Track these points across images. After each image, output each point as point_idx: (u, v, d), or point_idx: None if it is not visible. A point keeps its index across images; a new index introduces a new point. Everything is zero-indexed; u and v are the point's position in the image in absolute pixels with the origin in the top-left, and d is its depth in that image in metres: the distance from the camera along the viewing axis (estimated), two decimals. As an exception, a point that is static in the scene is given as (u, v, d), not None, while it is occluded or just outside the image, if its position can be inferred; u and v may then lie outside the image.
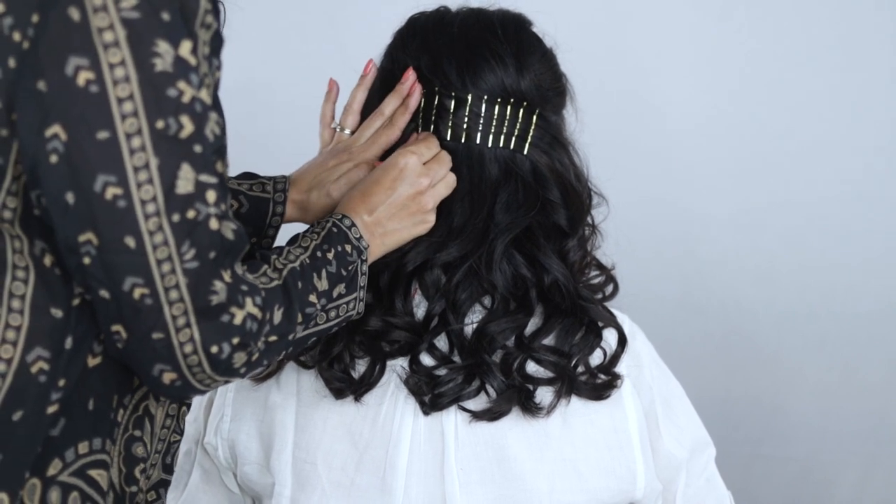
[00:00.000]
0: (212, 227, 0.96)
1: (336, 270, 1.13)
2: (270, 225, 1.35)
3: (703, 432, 1.38)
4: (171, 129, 0.93)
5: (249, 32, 2.42)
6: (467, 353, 1.24)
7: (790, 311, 2.53)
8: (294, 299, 1.06)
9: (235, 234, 0.99)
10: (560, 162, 1.27)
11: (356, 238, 1.17)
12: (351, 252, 1.15)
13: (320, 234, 1.14)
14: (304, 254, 1.11)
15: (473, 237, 1.24)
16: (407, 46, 1.28)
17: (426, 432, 1.24)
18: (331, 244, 1.14)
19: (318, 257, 1.12)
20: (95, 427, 1.02)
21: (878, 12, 2.46)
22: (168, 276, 0.94)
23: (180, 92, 0.93)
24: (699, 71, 2.50)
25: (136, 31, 0.91)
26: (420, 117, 1.26)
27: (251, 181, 1.35)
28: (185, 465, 1.38)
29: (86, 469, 1.02)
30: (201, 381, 1.00)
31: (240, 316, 0.98)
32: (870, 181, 2.50)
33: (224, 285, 0.96)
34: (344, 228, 1.16)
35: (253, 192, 1.34)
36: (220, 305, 0.96)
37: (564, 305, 1.26)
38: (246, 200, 1.34)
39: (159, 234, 0.93)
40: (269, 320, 1.01)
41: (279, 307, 1.03)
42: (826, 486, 2.58)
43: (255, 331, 1.00)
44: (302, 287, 1.08)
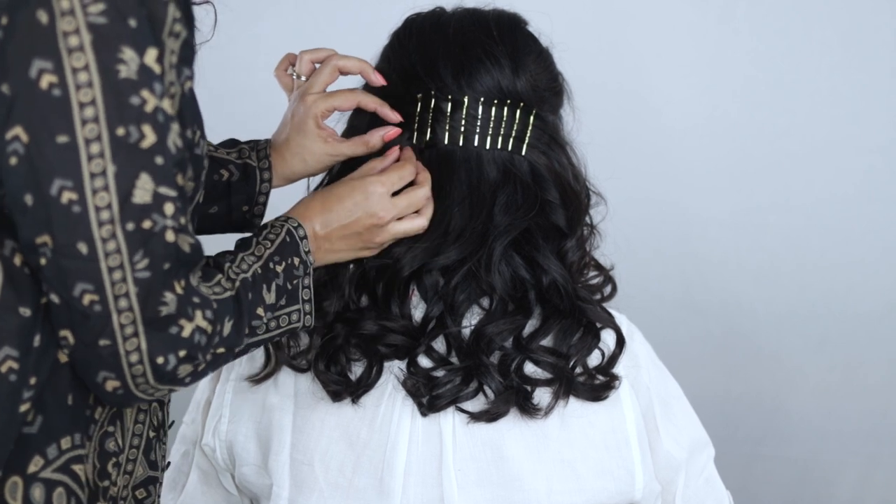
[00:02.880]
0: (168, 238, 0.96)
1: (283, 283, 1.12)
2: (260, 192, 1.37)
3: (702, 432, 1.38)
4: (132, 137, 0.93)
5: (250, 34, 2.43)
6: (465, 354, 1.23)
7: (790, 311, 2.53)
8: (244, 312, 1.06)
9: (192, 247, 0.99)
10: (558, 162, 1.27)
11: (305, 252, 1.16)
12: (298, 266, 1.15)
13: (274, 242, 1.14)
14: (256, 263, 1.11)
15: (472, 240, 1.24)
16: (403, 48, 1.28)
17: (424, 433, 1.24)
18: (282, 256, 1.13)
19: (269, 269, 1.11)
20: (75, 422, 1.03)
21: (879, 12, 2.46)
22: (119, 284, 0.94)
23: (143, 100, 0.93)
24: (698, 70, 2.49)
25: (102, 37, 0.91)
26: (416, 120, 1.26)
27: (236, 149, 1.37)
28: (183, 467, 1.38)
29: (70, 464, 1.02)
30: (144, 391, 1.00)
31: (188, 328, 0.98)
32: (870, 181, 2.50)
33: (175, 297, 0.97)
34: (297, 239, 1.16)
35: (241, 161, 1.37)
36: (170, 317, 0.96)
37: (563, 306, 1.26)
38: (236, 169, 1.36)
39: (112, 241, 0.94)
40: (219, 332, 1.02)
41: (230, 319, 1.03)
42: (826, 486, 2.58)
43: (204, 344, 1.00)
44: (252, 299, 1.08)
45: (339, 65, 1.30)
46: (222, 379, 1.33)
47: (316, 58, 1.34)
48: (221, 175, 1.39)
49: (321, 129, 1.30)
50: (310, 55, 1.34)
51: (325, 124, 1.31)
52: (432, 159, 1.26)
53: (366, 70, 1.28)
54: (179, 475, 1.39)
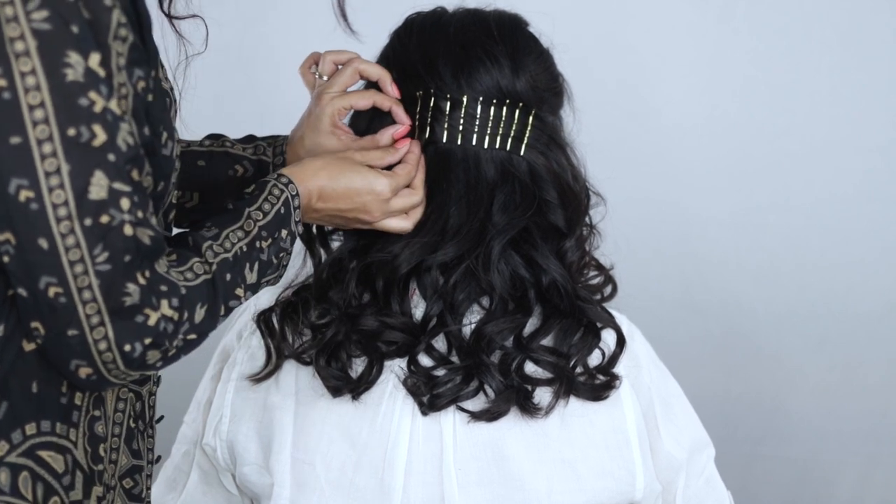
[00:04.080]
0: (126, 232, 0.99)
1: (267, 259, 1.15)
2: None
3: (703, 432, 1.38)
4: (83, 136, 0.96)
5: (250, 35, 2.43)
6: (465, 353, 1.24)
7: (790, 311, 2.53)
8: (220, 295, 1.08)
9: (153, 239, 1.01)
10: (557, 162, 1.27)
11: (296, 221, 1.19)
12: (286, 238, 1.17)
13: (268, 214, 1.16)
14: (242, 240, 1.13)
15: (470, 237, 1.24)
16: (404, 47, 1.28)
17: (425, 433, 1.24)
18: (271, 230, 1.15)
19: (254, 247, 1.13)
20: (43, 409, 1.05)
21: (879, 12, 2.46)
22: (81, 276, 0.97)
23: (91, 102, 0.96)
24: (698, 70, 2.50)
25: (47, 42, 0.94)
26: (416, 119, 1.26)
27: (252, 145, 1.41)
28: (184, 467, 1.38)
29: (35, 450, 1.05)
30: (116, 376, 1.02)
31: (154, 317, 1.00)
32: (870, 181, 2.50)
33: (138, 288, 0.99)
34: (291, 209, 1.18)
35: (255, 157, 1.40)
36: (134, 307, 0.99)
37: (563, 306, 1.26)
38: (250, 165, 1.40)
39: (71, 236, 0.97)
40: (188, 319, 1.04)
41: (202, 305, 1.06)
42: (826, 486, 2.58)
43: (171, 331, 1.02)
44: (230, 280, 1.10)
45: (360, 68, 1.32)
46: (223, 378, 1.33)
47: (339, 59, 1.35)
48: (236, 171, 1.41)
49: (336, 127, 1.31)
50: (333, 56, 1.36)
51: (342, 123, 1.32)
52: (431, 157, 1.26)
53: (384, 79, 1.29)
54: (180, 475, 1.39)
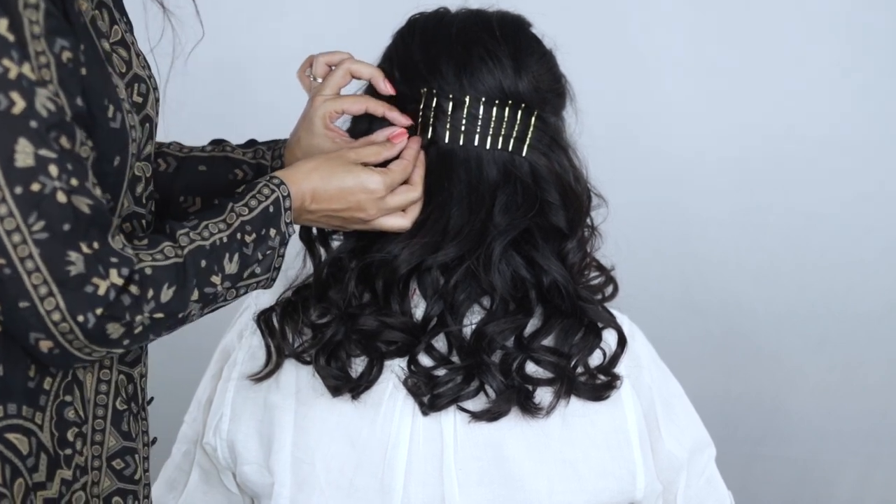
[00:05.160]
0: (59, 199, 0.99)
1: (251, 253, 1.15)
2: None
3: (704, 432, 1.38)
4: (1, 104, 0.97)
5: (251, 35, 2.43)
6: (466, 353, 1.24)
7: (790, 311, 2.53)
8: (191, 279, 1.08)
9: (92, 208, 1.01)
10: (559, 163, 1.27)
11: (286, 223, 1.18)
12: (274, 237, 1.17)
13: (254, 210, 1.16)
14: (223, 232, 1.13)
15: (471, 238, 1.24)
16: (406, 47, 1.28)
17: (425, 433, 1.24)
18: (257, 226, 1.15)
19: (236, 239, 1.13)
20: (9, 393, 1.07)
21: (879, 12, 2.46)
22: (20, 246, 0.98)
23: (5, 69, 0.97)
24: (700, 72, 2.50)
25: None
26: (419, 119, 1.26)
27: (252, 150, 1.42)
28: (185, 466, 1.38)
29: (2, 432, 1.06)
30: (81, 350, 1.03)
31: (103, 286, 1.01)
32: (870, 181, 2.50)
33: (81, 256, 1.00)
34: (281, 210, 1.18)
35: (255, 161, 1.41)
36: (81, 276, 1.00)
37: (564, 306, 1.26)
38: (250, 169, 1.41)
39: (3, 205, 0.98)
40: (153, 298, 1.04)
41: (170, 286, 1.06)
42: (826, 486, 2.58)
43: (130, 304, 1.03)
44: (206, 266, 1.10)
45: (352, 69, 1.32)
46: (224, 378, 1.33)
47: (331, 60, 1.36)
48: (236, 175, 1.41)
49: (329, 129, 1.31)
50: (325, 58, 1.36)
51: (335, 125, 1.32)
52: (432, 158, 1.26)
53: (377, 78, 1.29)
54: (181, 474, 1.39)
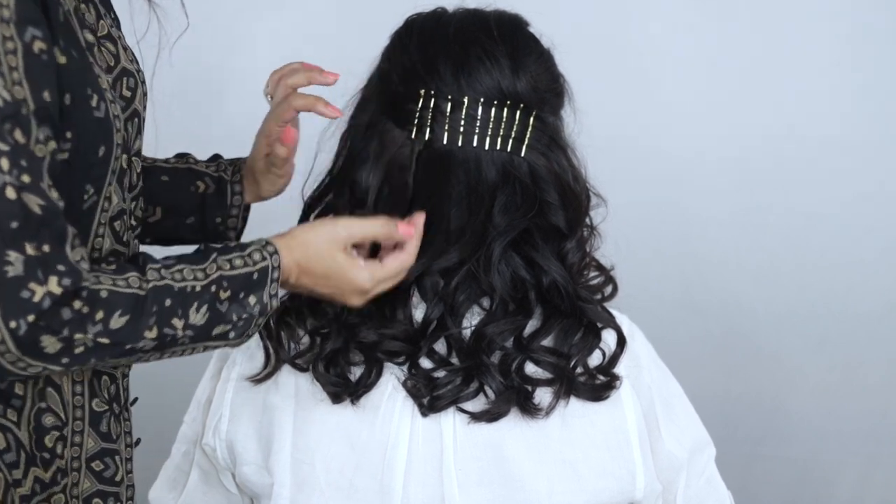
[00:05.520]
0: (8, 195, 0.96)
1: (225, 312, 1.11)
2: (232, 205, 1.43)
3: (703, 432, 1.38)
4: None
5: (251, 36, 2.43)
6: (466, 354, 1.23)
7: (790, 311, 2.53)
8: (148, 313, 1.05)
9: (45, 209, 0.98)
10: (558, 163, 1.27)
11: (270, 294, 1.15)
12: (253, 305, 1.14)
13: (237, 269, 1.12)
14: (199, 280, 1.10)
15: (472, 240, 1.24)
16: (404, 48, 1.28)
17: (425, 434, 1.24)
18: (236, 287, 1.12)
19: (210, 292, 1.10)
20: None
21: (879, 12, 2.46)
22: None
23: None
24: (699, 71, 2.50)
25: None
26: (416, 118, 1.26)
27: (215, 163, 1.43)
28: (184, 466, 1.38)
29: None
30: (14, 363, 0.99)
31: (39, 293, 0.97)
32: (870, 181, 2.50)
33: (22, 257, 0.96)
34: (267, 280, 1.15)
35: (216, 174, 1.42)
36: (17, 279, 0.96)
37: (563, 306, 1.26)
38: (211, 182, 1.42)
39: None
40: (101, 321, 1.01)
41: (122, 314, 1.03)
42: (826, 486, 2.58)
43: (69, 319, 0.99)
44: (169, 307, 1.07)
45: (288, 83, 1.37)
46: (223, 378, 1.33)
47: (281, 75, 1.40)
48: (198, 186, 1.42)
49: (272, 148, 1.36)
50: (277, 74, 1.39)
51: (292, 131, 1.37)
52: (431, 159, 1.25)
53: (314, 78, 1.32)
54: (180, 474, 1.39)
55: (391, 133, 1.25)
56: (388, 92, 1.27)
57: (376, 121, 1.27)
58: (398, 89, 1.26)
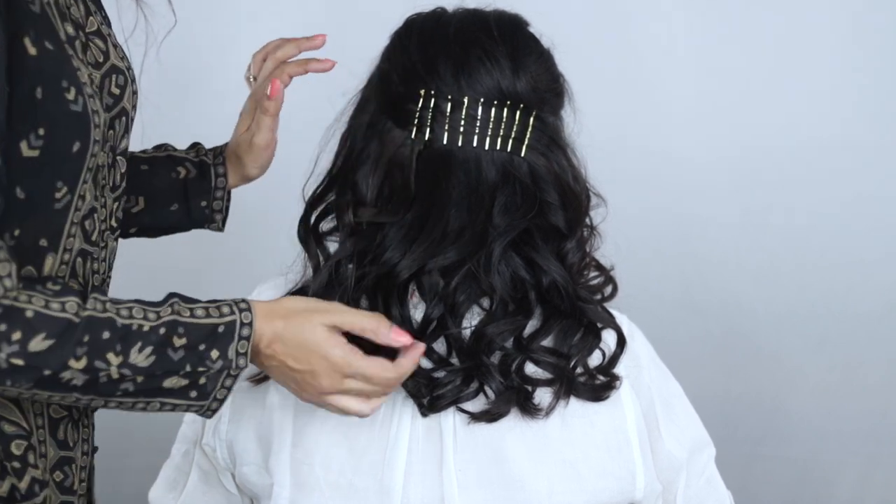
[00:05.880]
0: None
1: (178, 361, 1.05)
2: (216, 187, 1.44)
3: (703, 432, 1.38)
4: None
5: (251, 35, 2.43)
6: (465, 354, 1.23)
7: (790, 311, 2.53)
8: (77, 343, 1.00)
9: None
10: (558, 164, 1.27)
11: (238, 352, 1.08)
12: (215, 360, 1.07)
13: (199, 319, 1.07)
14: (149, 321, 1.04)
15: (472, 241, 1.23)
16: (404, 48, 1.28)
17: (424, 434, 1.24)
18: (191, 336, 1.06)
19: (159, 334, 1.04)
20: None
21: (879, 12, 2.46)
22: None
23: None
24: (700, 72, 2.50)
25: None
26: (416, 118, 1.25)
27: (194, 149, 1.44)
28: (184, 467, 1.38)
29: None
30: None
31: None
32: (870, 181, 2.50)
33: None
34: (234, 336, 1.08)
35: (197, 159, 1.43)
36: None
37: (563, 307, 1.26)
38: (192, 167, 1.42)
39: None
40: (19, 341, 0.97)
41: (46, 338, 0.98)
42: (826, 486, 2.58)
43: None
44: (106, 340, 1.02)
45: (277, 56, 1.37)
46: (223, 379, 1.33)
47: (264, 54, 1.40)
48: (178, 172, 1.42)
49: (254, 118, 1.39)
50: (259, 54, 1.40)
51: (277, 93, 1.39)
52: (431, 159, 1.25)
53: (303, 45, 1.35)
54: (180, 475, 1.39)
55: (391, 133, 1.25)
56: (388, 92, 1.27)
57: (376, 121, 1.27)
58: (398, 89, 1.26)
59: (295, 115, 1.55)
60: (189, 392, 1.07)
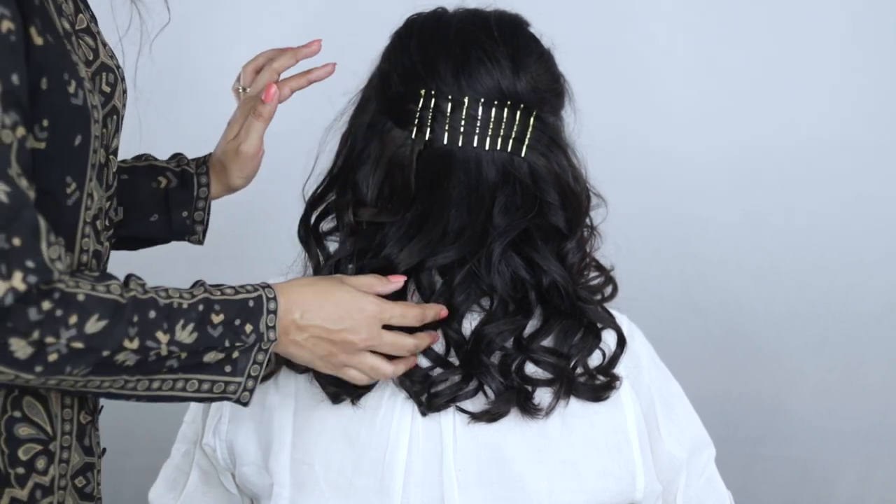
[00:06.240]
0: None
1: (218, 337, 1.07)
2: (198, 197, 1.43)
3: (703, 432, 1.38)
4: None
5: (250, 36, 2.43)
6: (465, 354, 1.24)
7: (790, 311, 2.53)
8: (128, 320, 1.00)
9: (11, 197, 0.93)
10: (558, 164, 1.27)
11: (268, 326, 1.11)
12: (249, 333, 1.10)
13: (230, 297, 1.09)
14: (185, 299, 1.06)
15: (472, 240, 1.24)
16: (405, 48, 1.28)
17: (425, 434, 1.24)
18: (227, 311, 1.08)
19: (197, 310, 1.06)
20: None
21: (879, 12, 2.46)
22: None
23: None
24: (700, 71, 2.50)
25: None
26: (416, 118, 1.25)
27: (175, 159, 1.43)
28: (184, 467, 1.38)
29: None
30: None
31: (2, 288, 0.92)
32: (870, 181, 2.50)
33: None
34: (263, 309, 1.11)
35: (178, 168, 1.41)
36: None
37: (563, 307, 1.26)
38: (174, 177, 1.41)
39: None
40: (76, 324, 0.96)
41: (100, 318, 0.98)
42: (826, 486, 2.58)
43: (39, 320, 0.94)
44: (154, 318, 1.02)
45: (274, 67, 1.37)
46: (223, 379, 1.33)
47: (256, 65, 1.38)
48: (159, 182, 1.41)
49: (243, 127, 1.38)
50: (251, 65, 1.39)
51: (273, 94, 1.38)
52: (431, 159, 1.25)
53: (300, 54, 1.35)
54: (180, 475, 1.39)
55: (391, 133, 1.25)
56: (388, 92, 1.27)
57: (377, 121, 1.27)
58: (398, 89, 1.26)
59: (295, 115, 1.54)
60: (224, 367, 1.09)
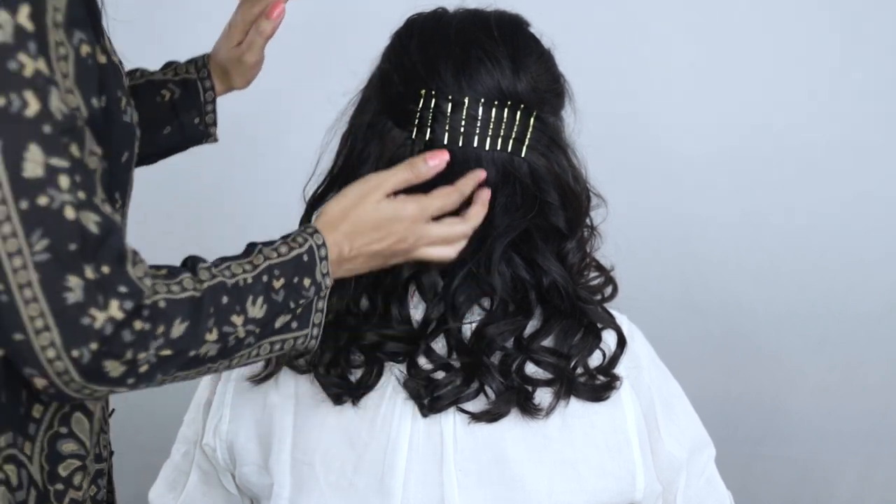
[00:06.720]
0: (68, 216, 0.90)
1: (283, 301, 1.07)
2: (206, 101, 1.43)
3: (703, 432, 1.38)
4: (14, 105, 0.88)
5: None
6: (466, 355, 1.24)
7: (790, 311, 2.53)
8: (206, 315, 1.00)
9: (101, 227, 0.92)
10: (558, 164, 1.27)
11: (323, 273, 1.12)
12: (308, 287, 1.10)
13: (284, 256, 1.09)
14: (248, 272, 1.05)
15: (472, 241, 1.24)
16: (405, 48, 1.28)
17: (425, 434, 1.24)
18: (287, 272, 1.08)
19: (262, 281, 1.05)
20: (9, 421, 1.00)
21: (879, 12, 2.46)
22: (20, 272, 0.89)
23: (21, 65, 0.88)
24: (699, 71, 2.49)
25: None
26: (417, 118, 1.26)
27: (172, 68, 1.40)
28: (184, 467, 1.38)
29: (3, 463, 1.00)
30: (77, 391, 0.93)
31: (100, 319, 0.91)
32: (870, 181, 2.50)
33: (81, 282, 0.90)
34: (315, 259, 1.11)
35: (178, 78, 1.39)
36: (78, 306, 0.90)
37: (563, 307, 1.26)
38: (176, 87, 1.39)
39: (7, 224, 0.88)
40: (163, 334, 0.96)
41: (182, 320, 0.97)
42: (826, 486, 2.58)
43: (131, 341, 0.93)
44: (227, 304, 1.02)
45: None
46: (223, 379, 1.33)
47: None
48: (163, 95, 1.40)
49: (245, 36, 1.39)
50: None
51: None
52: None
53: None
54: (180, 475, 1.39)
55: (392, 133, 1.25)
56: (388, 92, 1.27)
57: (377, 121, 1.27)
58: (399, 89, 1.26)
59: (295, 115, 1.55)
60: (291, 324, 1.09)
